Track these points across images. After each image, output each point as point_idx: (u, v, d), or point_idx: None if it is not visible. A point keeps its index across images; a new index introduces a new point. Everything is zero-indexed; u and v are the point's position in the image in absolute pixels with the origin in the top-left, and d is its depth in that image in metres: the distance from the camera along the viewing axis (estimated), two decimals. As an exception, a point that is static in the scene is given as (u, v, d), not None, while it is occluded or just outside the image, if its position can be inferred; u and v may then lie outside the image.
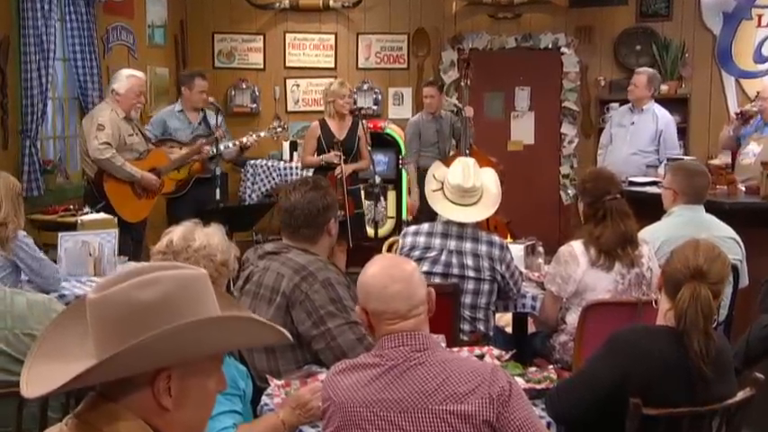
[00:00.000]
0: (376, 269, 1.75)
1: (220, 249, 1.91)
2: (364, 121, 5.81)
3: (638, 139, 5.53)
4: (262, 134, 5.29)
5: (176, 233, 1.90)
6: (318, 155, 5.19)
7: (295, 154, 6.70)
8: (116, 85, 4.54)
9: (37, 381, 1.09)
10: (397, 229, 6.95)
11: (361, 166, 5.36)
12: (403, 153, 6.75)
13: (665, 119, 5.58)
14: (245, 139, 5.13)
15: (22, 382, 1.10)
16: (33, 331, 1.93)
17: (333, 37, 7.15)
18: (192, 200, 4.95)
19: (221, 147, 4.98)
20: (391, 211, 6.95)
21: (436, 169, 3.14)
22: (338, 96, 5.18)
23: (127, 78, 4.56)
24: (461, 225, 3.04)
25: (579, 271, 2.91)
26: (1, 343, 1.90)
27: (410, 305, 1.69)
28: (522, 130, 7.26)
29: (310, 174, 5.54)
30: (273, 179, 6.64)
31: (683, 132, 6.77)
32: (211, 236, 1.92)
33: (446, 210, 3.04)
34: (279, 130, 5.43)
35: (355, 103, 7.01)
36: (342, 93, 5.19)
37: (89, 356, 1.10)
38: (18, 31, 4.58)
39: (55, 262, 3.28)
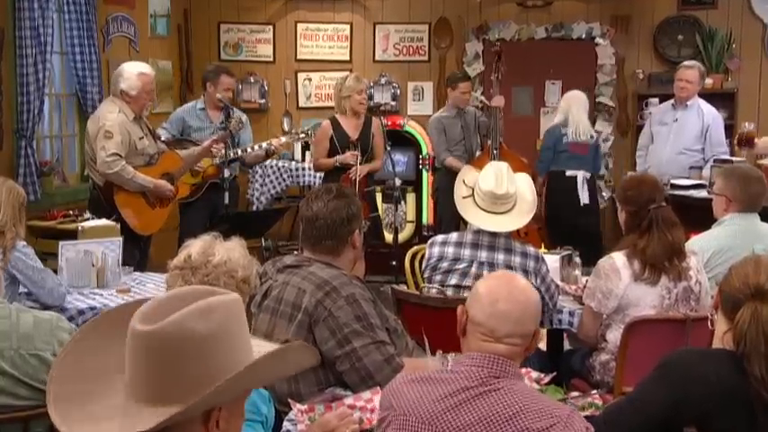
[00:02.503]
0: (498, 281, 1.79)
1: (241, 265, 1.93)
2: (383, 119, 5.83)
3: (682, 137, 5.50)
4: (283, 139, 5.30)
5: (195, 247, 1.92)
6: (331, 156, 5.20)
7: (307, 153, 6.72)
8: (125, 86, 4.40)
9: None
10: (417, 234, 6.96)
11: (375, 166, 5.35)
12: (424, 153, 6.76)
13: (711, 114, 5.55)
14: (275, 142, 5.11)
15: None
16: (40, 351, 1.95)
17: (348, 27, 7.17)
18: (204, 206, 4.98)
19: (239, 150, 4.99)
20: (411, 215, 6.96)
21: (466, 174, 3.14)
22: (355, 92, 5.13)
23: (138, 77, 4.41)
24: (493, 235, 3.04)
25: (621, 285, 2.91)
26: (6, 364, 1.92)
27: (509, 331, 1.69)
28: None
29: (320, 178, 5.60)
30: (284, 181, 6.66)
31: (729, 130, 6.72)
32: (232, 251, 1.93)
33: (477, 218, 3.05)
34: (302, 135, 5.40)
35: (371, 98, 7.07)
36: (359, 88, 5.15)
37: (135, 398, 1.11)
38: (13, 23, 4.63)
39: (55, 272, 3.31)
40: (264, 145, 5.12)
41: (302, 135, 5.36)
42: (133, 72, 4.47)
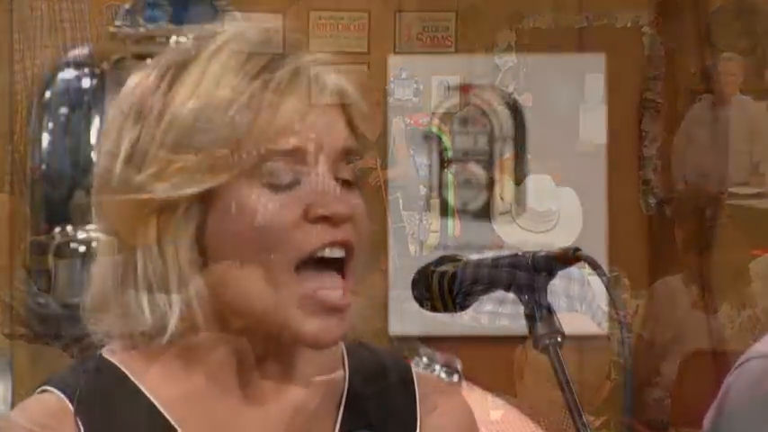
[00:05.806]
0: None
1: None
2: (406, 118, 5.85)
3: (726, 138, 5.49)
4: None
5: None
6: None
7: (321, 156, 6.75)
8: None
9: None
10: (442, 245, 6.95)
11: (399, 172, 5.39)
12: (449, 154, 6.76)
13: (757, 110, 5.54)
14: None
15: None
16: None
17: (366, 15, 7.19)
18: None
19: None
20: (434, 225, 6.95)
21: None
22: None
23: None
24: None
25: (677, 313, 2.90)
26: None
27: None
28: (593, 126, 7.22)
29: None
30: (296, 186, 6.69)
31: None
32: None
33: (515, 237, 3.05)
34: None
35: (391, 95, 7.08)
36: None
37: None
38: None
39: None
40: None
41: None
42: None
